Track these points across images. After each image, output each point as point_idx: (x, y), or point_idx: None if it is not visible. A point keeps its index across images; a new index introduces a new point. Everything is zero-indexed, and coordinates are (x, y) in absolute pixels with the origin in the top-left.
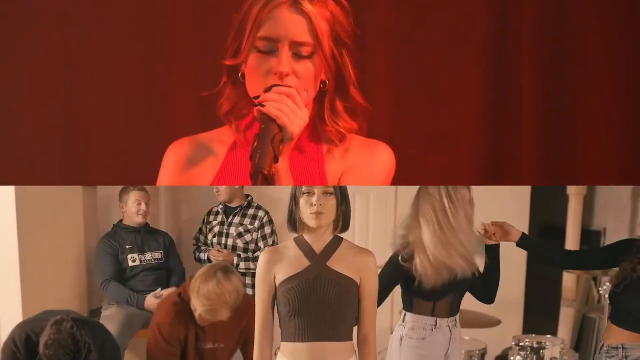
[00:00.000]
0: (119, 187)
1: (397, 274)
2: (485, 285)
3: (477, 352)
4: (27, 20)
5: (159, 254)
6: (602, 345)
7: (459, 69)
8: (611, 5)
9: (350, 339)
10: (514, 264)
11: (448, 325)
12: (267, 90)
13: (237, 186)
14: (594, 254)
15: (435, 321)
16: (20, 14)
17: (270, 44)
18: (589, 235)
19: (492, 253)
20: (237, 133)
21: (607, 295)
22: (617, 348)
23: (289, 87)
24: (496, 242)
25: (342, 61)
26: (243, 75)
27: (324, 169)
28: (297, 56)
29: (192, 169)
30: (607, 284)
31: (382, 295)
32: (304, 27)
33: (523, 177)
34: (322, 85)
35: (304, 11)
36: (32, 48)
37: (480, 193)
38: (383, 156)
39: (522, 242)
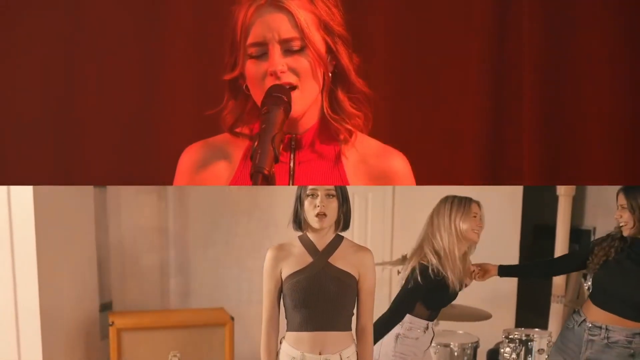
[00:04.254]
0: (129, 187)
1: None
2: None
3: (470, 345)
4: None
5: None
6: (584, 320)
7: (459, 69)
8: (611, 5)
9: (350, 329)
10: (506, 263)
11: (432, 327)
12: (267, 91)
13: None
14: (571, 258)
15: (427, 324)
16: (27, 22)
17: (260, 48)
18: (579, 234)
19: None
20: (251, 139)
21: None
22: (600, 328)
23: (291, 84)
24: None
25: (337, 50)
26: (247, 88)
27: (344, 170)
28: (289, 52)
29: (207, 172)
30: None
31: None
32: (287, 22)
33: (523, 177)
34: (325, 78)
35: (284, 7)
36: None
37: (474, 193)
38: (398, 165)
39: (503, 272)
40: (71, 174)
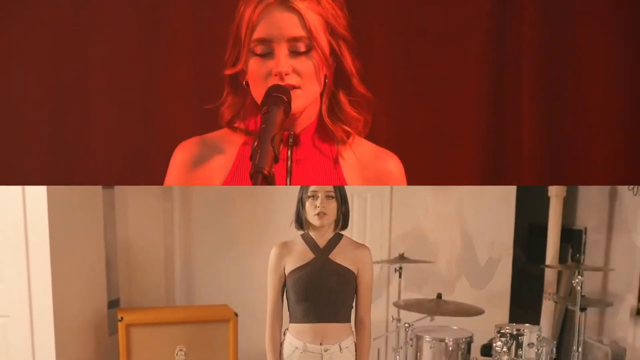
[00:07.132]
0: (135, 188)
1: None
2: None
3: (463, 339)
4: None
5: None
6: None
7: (459, 69)
8: (611, 5)
9: (349, 321)
10: (501, 262)
11: None
12: (267, 90)
13: None
14: None
15: None
16: (24, 23)
17: (266, 46)
18: (571, 234)
19: None
20: (247, 134)
21: (578, 287)
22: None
23: (293, 85)
24: None
25: (341, 53)
26: (247, 83)
27: (340, 168)
28: (295, 53)
29: (202, 169)
30: (580, 277)
31: None
32: (296, 23)
33: (523, 177)
34: (326, 81)
35: (294, 7)
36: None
37: (469, 193)
38: (393, 167)
39: None
40: (80, 174)
